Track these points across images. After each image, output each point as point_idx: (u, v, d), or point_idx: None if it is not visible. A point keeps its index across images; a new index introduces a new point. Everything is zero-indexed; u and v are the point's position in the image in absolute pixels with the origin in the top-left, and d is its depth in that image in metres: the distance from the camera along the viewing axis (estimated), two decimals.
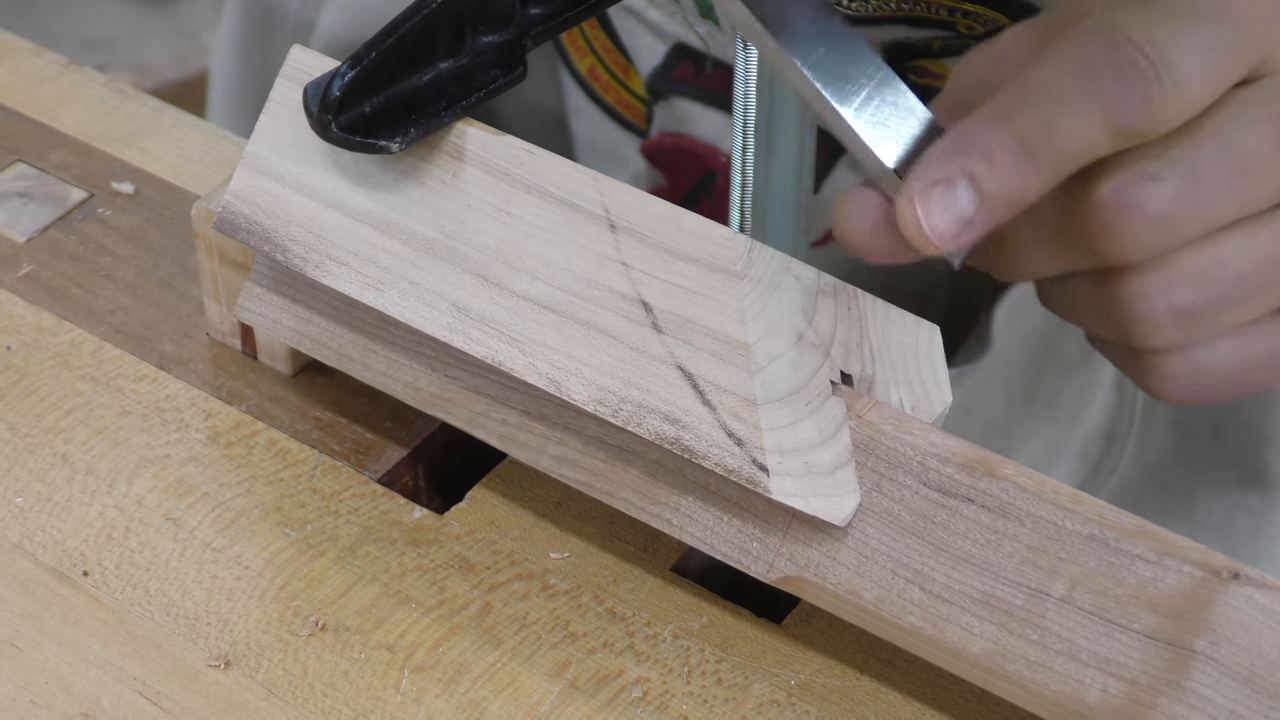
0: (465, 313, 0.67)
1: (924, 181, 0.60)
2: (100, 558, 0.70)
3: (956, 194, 0.60)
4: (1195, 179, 0.61)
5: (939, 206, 0.60)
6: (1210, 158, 0.61)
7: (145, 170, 0.86)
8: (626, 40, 0.96)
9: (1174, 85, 0.59)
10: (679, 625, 0.68)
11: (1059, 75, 0.60)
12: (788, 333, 0.63)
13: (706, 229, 0.64)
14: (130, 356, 0.78)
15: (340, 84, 0.65)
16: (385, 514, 0.72)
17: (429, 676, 0.67)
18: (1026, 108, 0.60)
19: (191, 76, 2.40)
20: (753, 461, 0.62)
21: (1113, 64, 0.60)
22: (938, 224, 0.60)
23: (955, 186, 0.60)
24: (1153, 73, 0.59)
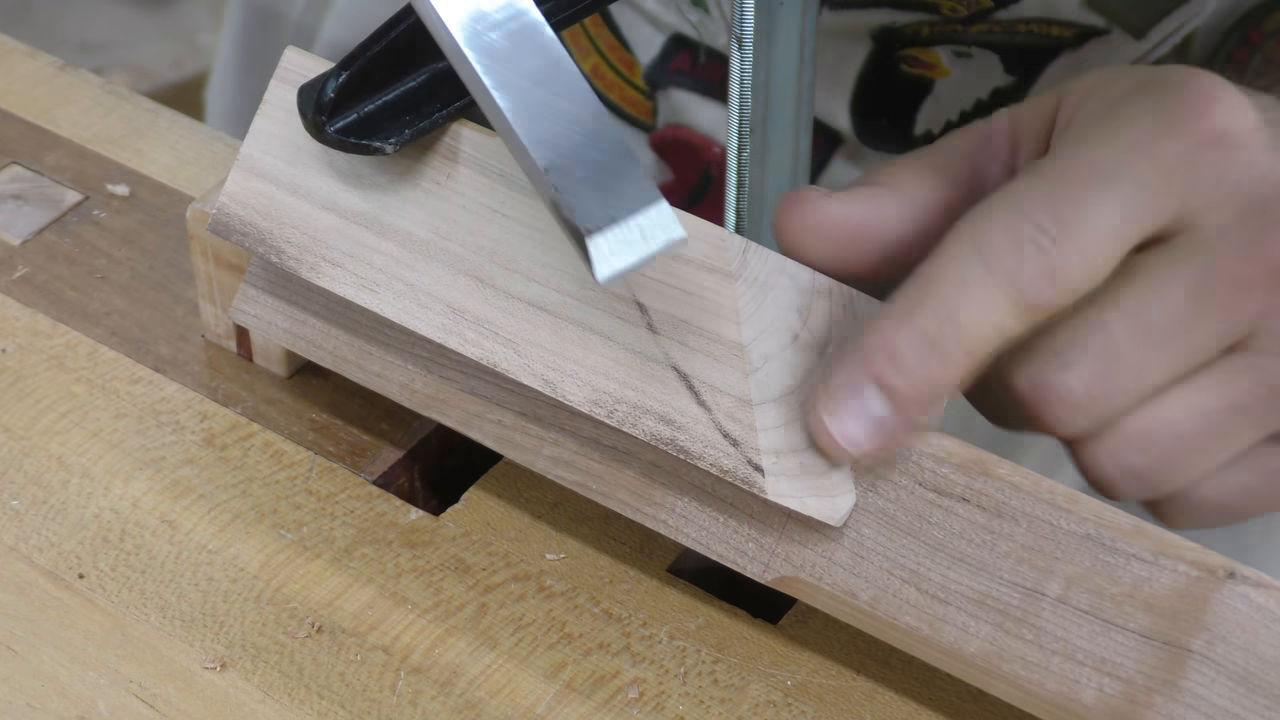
0: (460, 314, 0.67)
1: (831, 390, 0.60)
2: (96, 560, 0.70)
3: (865, 399, 0.59)
4: (1110, 358, 0.59)
5: (848, 415, 0.60)
6: (1122, 333, 0.59)
7: (140, 172, 0.86)
8: (626, 33, 0.96)
9: (1077, 254, 0.57)
10: (675, 626, 0.68)
11: (959, 262, 0.58)
12: (783, 333, 0.63)
13: (701, 230, 0.64)
14: (125, 359, 0.78)
15: (334, 85, 0.65)
16: (381, 515, 0.72)
17: (425, 678, 0.67)
18: (928, 300, 0.58)
19: (188, 79, 2.40)
20: (748, 462, 0.62)
21: (1011, 242, 0.58)
22: (850, 432, 0.60)
23: (863, 392, 0.59)
24: (1053, 245, 0.57)
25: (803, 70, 0.82)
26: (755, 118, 0.77)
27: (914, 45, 0.90)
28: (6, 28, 0.97)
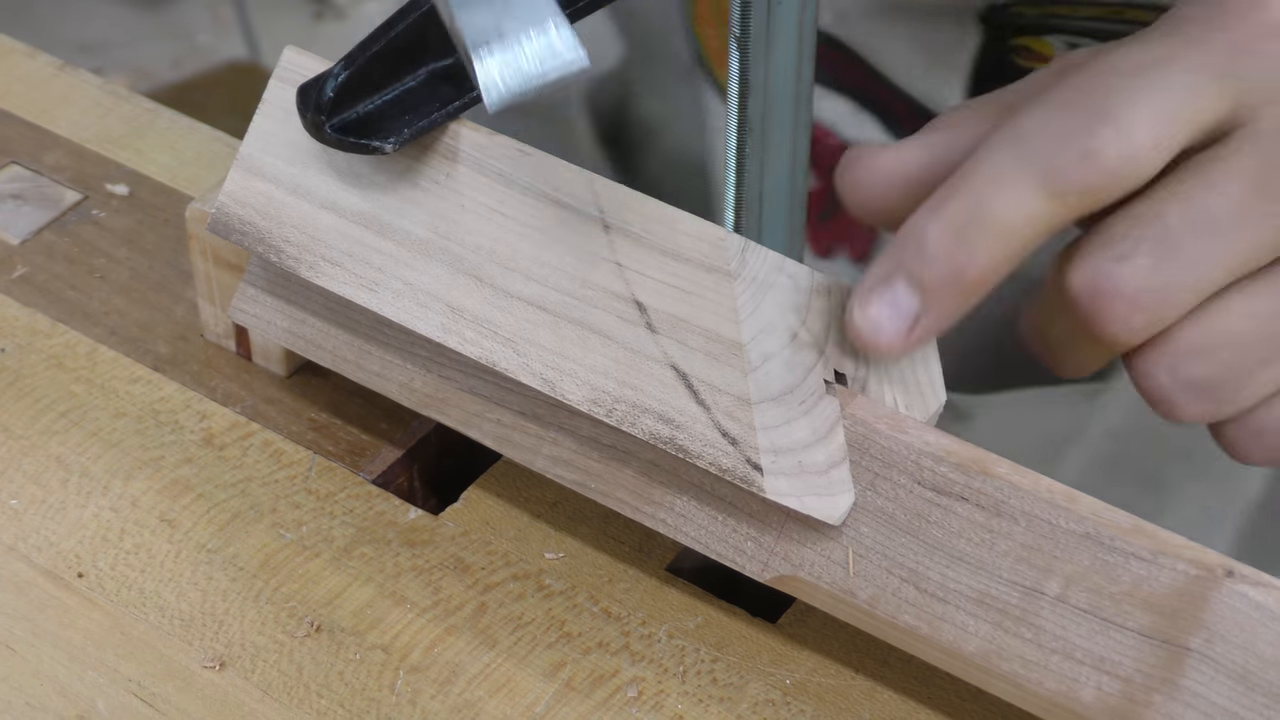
0: (459, 313, 0.67)
1: (864, 282, 0.59)
2: (95, 559, 0.70)
3: (896, 292, 0.59)
4: (1167, 251, 0.57)
5: (878, 306, 0.59)
6: (1179, 223, 0.57)
7: (140, 172, 0.86)
8: None
9: (1116, 137, 0.56)
10: (674, 625, 0.68)
11: (992, 153, 0.57)
12: (781, 332, 0.63)
13: (700, 228, 0.64)
14: (125, 358, 0.78)
15: (333, 85, 0.65)
16: (380, 515, 0.72)
17: (424, 677, 0.67)
18: (959, 190, 0.57)
19: (187, 79, 2.40)
20: (747, 461, 0.62)
21: (1044, 128, 0.57)
22: (882, 323, 0.59)
23: (894, 284, 0.59)
24: (1088, 130, 0.56)
25: (801, 69, 0.82)
26: (754, 116, 0.77)
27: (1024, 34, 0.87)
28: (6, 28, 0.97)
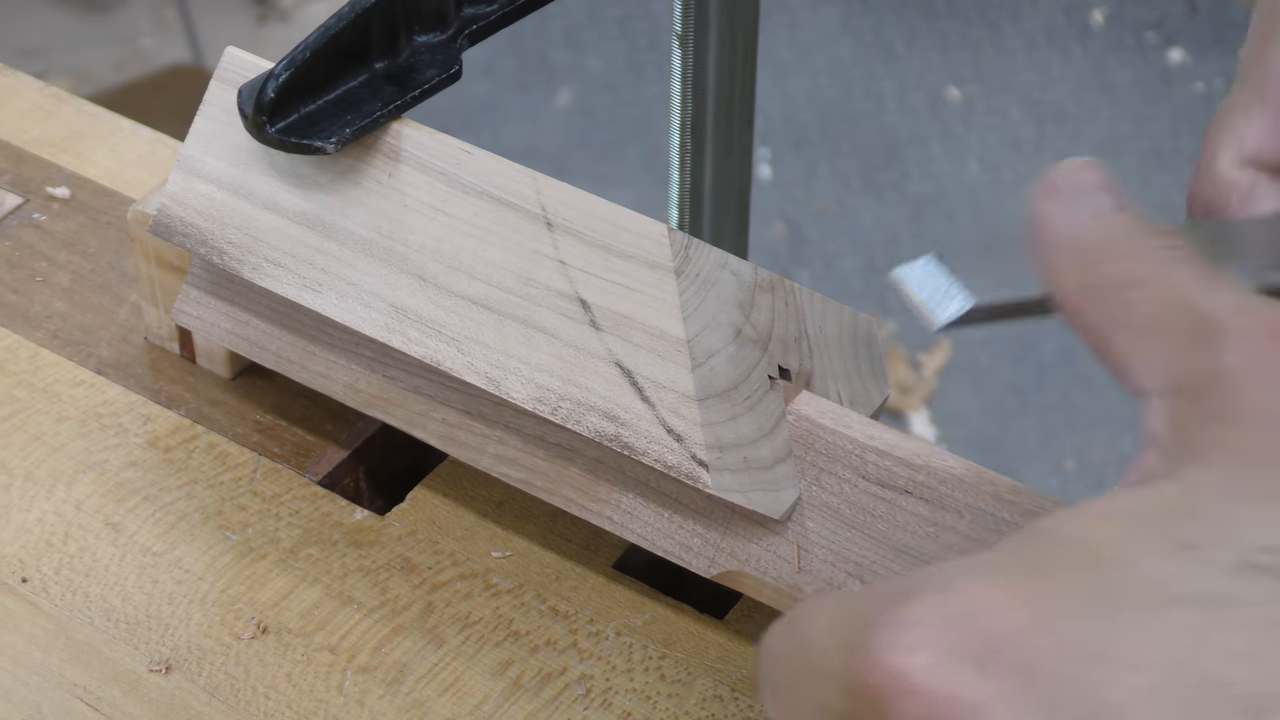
0: (403, 313, 0.67)
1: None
2: (39, 564, 0.70)
3: None
4: None
5: None
6: None
7: (81, 175, 0.85)
8: None
9: None
10: (621, 622, 0.69)
11: None
12: (725, 328, 0.64)
13: (643, 226, 0.64)
14: (67, 362, 0.77)
15: (275, 85, 0.65)
16: (326, 516, 0.72)
17: (372, 678, 0.67)
18: None
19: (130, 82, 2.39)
20: (692, 457, 0.63)
21: None
22: None
23: None
24: None
25: (744, 68, 0.82)
26: (697, 114, 0.78)
27: None
28: None
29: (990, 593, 0.44)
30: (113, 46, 2.63)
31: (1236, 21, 2.63)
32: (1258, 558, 0.43)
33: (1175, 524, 0.44)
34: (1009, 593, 0.44)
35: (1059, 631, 0.43)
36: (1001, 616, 0.44)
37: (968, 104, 2.56)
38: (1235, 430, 0.45)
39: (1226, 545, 0.43)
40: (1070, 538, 0.45)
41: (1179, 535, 0.44)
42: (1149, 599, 0.43)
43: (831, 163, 2.49)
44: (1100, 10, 2.68)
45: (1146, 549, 0.44)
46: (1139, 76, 2.59)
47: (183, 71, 2.41)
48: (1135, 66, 2.60)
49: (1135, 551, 0.44)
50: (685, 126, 0.81)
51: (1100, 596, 0.43)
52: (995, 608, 0.44)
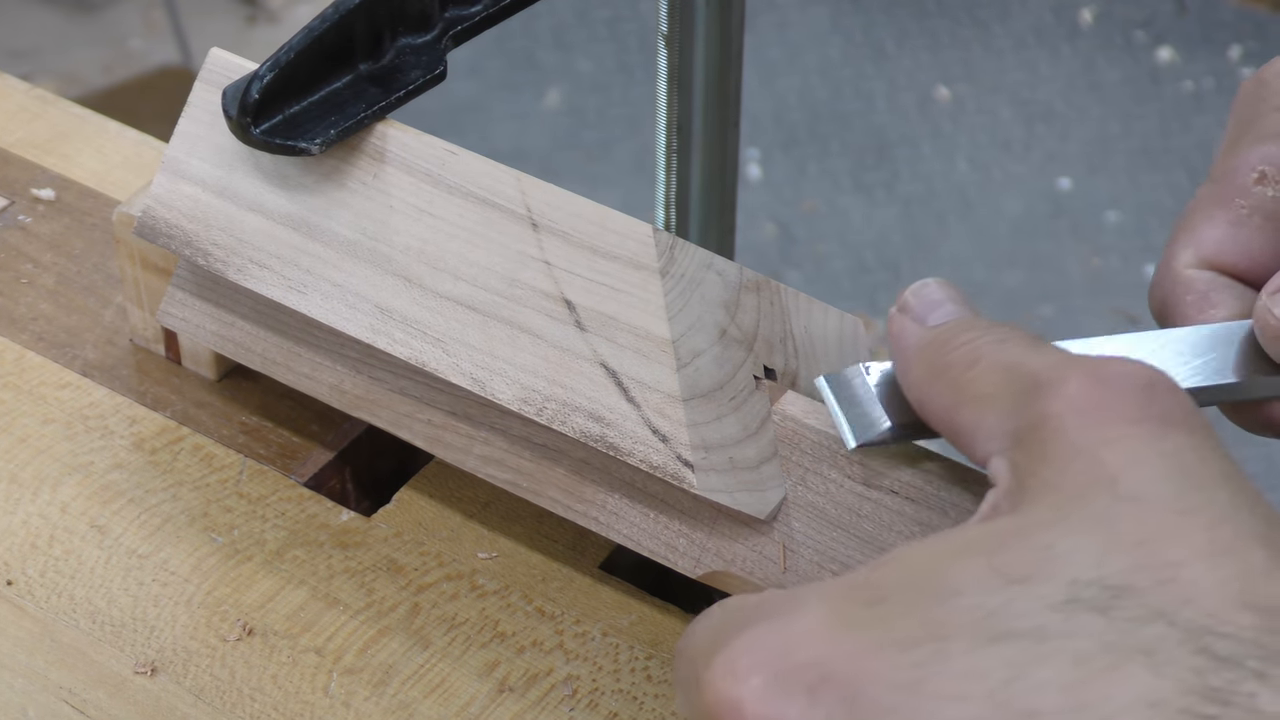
0: (389, 314, 0.67)
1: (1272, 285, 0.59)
2: (25, 566, 0.70)
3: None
4: None
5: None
6: None
7: (66, 177, 0.85)
8: None
9: None
10: (608, 623, 0.69)
11: None
12: (710, 329, 0.63)
13: (628, 226, 0.64)
14: (53, 364, 0.77)
15: (259, 86, 0.65)
16: (312, 517, 0.72)
17: (358, 679, 0.67)
18: None
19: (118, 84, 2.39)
20: (677, 458, 0.63)
21: None
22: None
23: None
24: None
25: (730, 68, 0.82)
26: (683, 114, 0.78)
27: None
28: None
29: (825, 621, 0.46)
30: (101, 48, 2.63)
31: (1225, 21, 2.63)
32: (1081, 593, 0.44)
33: (1003, 557, 0.45)
34: (843, 621, 0.46)
35: (886, 661, 0.44)
36: (833, 645, 0.45)
37: (957, 103, 2.56)
38: (1057, 468, 0.47)
39: (1052, 579, 0.45)
40: (908, 567, 0.46)
41: (1007, 569, 0.45)
42: (975, 632, 0.44)
43: (821, 163, 2.49)
44: (1089, 9, 2.68)
45: (975, 582, 0.45)
46: (1128, 75, 2.59)
47: (171, 73, 2.41)
48: (1124, 66, 2.61)
49: (964, 583, 0.45)
50: (672, 127, 0.81)
51: (929, 628, 0.45)
52: (828, 636, 0.45)
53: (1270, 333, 0.59)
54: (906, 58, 2.63)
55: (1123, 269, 2.32)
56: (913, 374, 0.55)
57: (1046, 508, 0.47)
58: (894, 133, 2.53)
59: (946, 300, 0.56)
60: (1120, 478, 0.46)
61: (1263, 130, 0.63)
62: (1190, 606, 0.44)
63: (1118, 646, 0.43)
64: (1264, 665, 0.43)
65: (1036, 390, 0.49)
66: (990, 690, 0.44)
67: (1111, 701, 0.43)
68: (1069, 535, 0.46)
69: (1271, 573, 0.44)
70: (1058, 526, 0.46)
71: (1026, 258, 2.36)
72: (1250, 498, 0.46)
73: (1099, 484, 0.46)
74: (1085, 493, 0.46)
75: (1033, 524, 0.46)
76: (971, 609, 0.45)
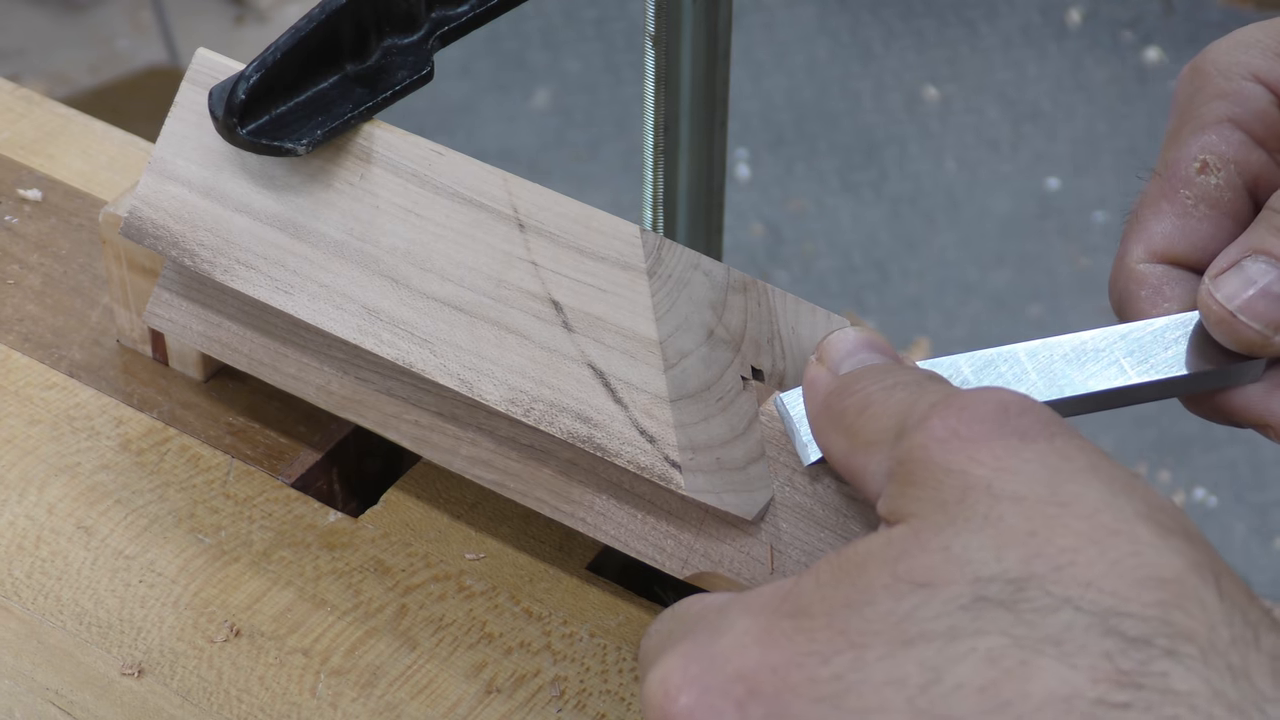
0: (376, 315, 0.66)
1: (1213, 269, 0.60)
2: (11, 568, 0.70)
3: (1246, 270, 0.60)
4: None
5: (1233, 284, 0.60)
6: None
7: (53, 177, 0.85)
8: None
9: None
10: (595, 624, 0.69)
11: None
12: (698, 329, 0.63)
13: (615, 227, 0.64)
14: (39, 364, 0.77)
15: (245, 87, 0.65)
16: (300, 518, 0.72)
17: (345, 680, 0.66)
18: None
19: (106, 84, 2.38)
20: (665, 458, 0.63)
21: None
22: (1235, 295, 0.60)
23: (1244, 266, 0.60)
24: None
25: (718, 68, 0.82)
26: (669, 114, 0.78)
27: None
28: None
29: (751, 634, 0.47)
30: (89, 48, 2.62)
31: (1213, 20, 2.64)
32: (986, 590, 0.45)
33: (905, 564, 0.46)
34: (768, 634, 0.47)
35: (808, 674, 0.45)
36: (759, 659, 0.46)
37: (945, 103, 2.56)
38: (931, 486, 0.48)
39: (955, 580, 0.46)
40: (824, 578, 0.48)
41: (910, 575, 0.46)
42: (889, 638, 0.45)
43: (809, 162, 2.49)
44: (1077, 10, 2.69)
45: (883, 589, 0.46)
46: (1115, 75, 2.60)
47: (159, 73, 2.41)
48: (1112, 65, 2.61)
49: (874, 592, 0.46)
50: (659, 128, 0.81)
51: (847, 636, 0.46)
52: (754, 650, 0.46)
53: (1213, 317, 0.60)
54: (894, 57, 2.63)
55: (1110, 269, 2.32)
56: (817, 422, 0.56)
57: (933, 513, 0.48)
58: (882, 132, 2.53)
59: (860, 349, 0.58)
60: (993, 482, 0.47)
61: (1201, 119, 0.63)
62: (1092, 589, 0.44)
63: (1027, 640, 0.44)
64: (1173, 643, 0.43)
65: (905, 431, 0.51)
66: (909, 697, 0.44)
67: (1027, 699, 0.43)
68: (960, 535, 0.46)
69: (1160, 548, 0.45)
70: (947, 529, 0.47)
71: (1014, 257, 2.36)
72: (1124, 484, 0.47)
73: (974, 490, 0.47)
74: (963, 497, 0.47)
75: (925, 529, 0.47)
76: (884, 615, 0.46)
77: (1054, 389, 0.60)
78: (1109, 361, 0.61)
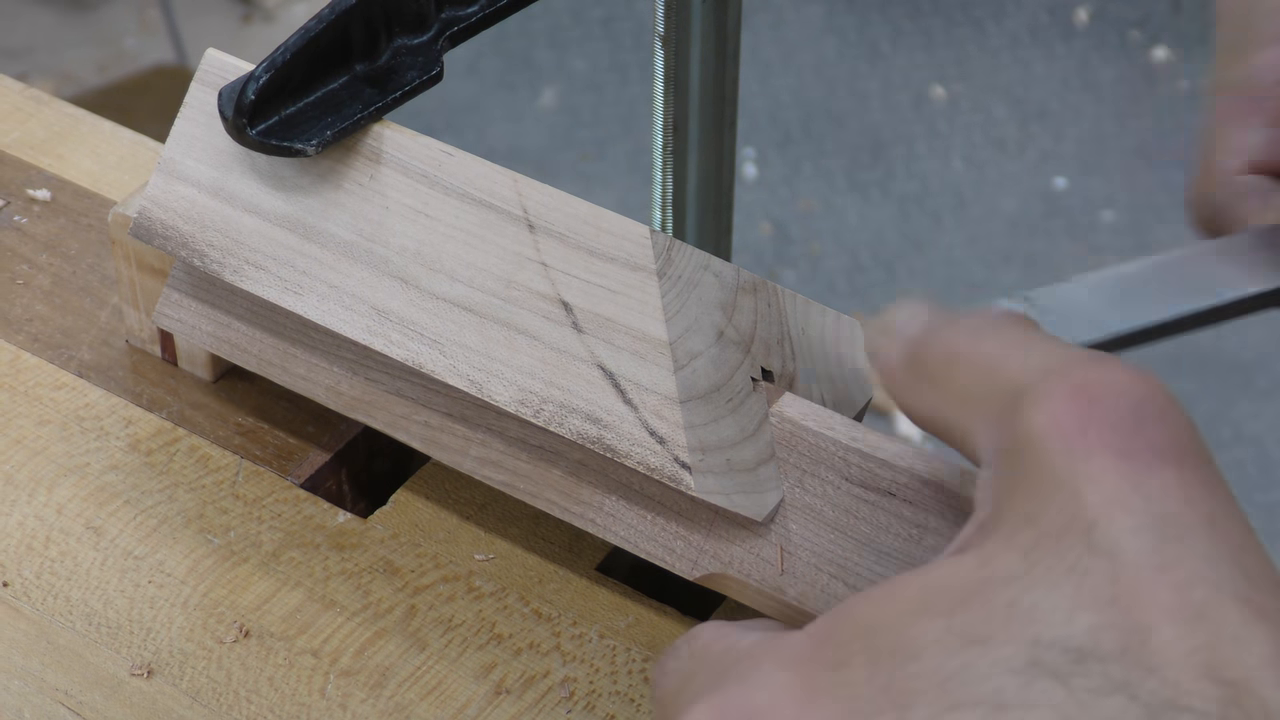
0: (385, 315, 0.66)
1: None
2: (20, 568, 0.70)
3: None
4: None
5: None
6: None
7: (62, 177, 0.85)
8: None
9: None
10: (605, 625, 0.68)
11: None
12: (708, 330, 0.63)
13: (625, 228, 0.64)
14: (48, 365, 0.77)
15: (255, 87, 0.65)
16: (309, 519, 0.72)
17: (354, 681, 0.66)
18: None
19: (113, 83, 2.39)
20: (675, 460, 0.62)
21: None
22: None
23: None
24: None
25: (727, 69, 0.82)
26: (679, 115, 0.77)
27: None
28: None
29: (790, 690, 0.44)
30: (96, 47, 2.62)
31: None
32: (1043, 655, 0.42)
33: (964, 617, 0.43)
34: (808, 690, 0.44)
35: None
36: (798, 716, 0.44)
37: (952, 102, 2.56)
38: (1037, 502, 0.45)
39: (1013, 640, 0.43)
40: (866, 625, 0.45)
41: (967, 629, 0.43)
42: (936, 699, 0.43)
43: (816, 162, 2.49)
44: (1084, 9, 2.68)
45: (934, 643, 0.43)
46: (1123, 75, 2.59)
47: (166, 72, 2.41)
48: (1119, 65, 2.61)
49: (923, 645, 0.43)
50: (668, 128, 0.81)
51: (890, 695, 0.43)
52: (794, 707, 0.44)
53: None
54: (901, 57, 2.63)
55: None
56: (897, 379, 0.52)
57: (1016, 555, 0.44)
58: (889, 132, 2.53)
59: (924, 311, 0.54)
60: (1098, 522, 0.44)
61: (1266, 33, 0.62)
62: (1154, 677, 0.42)
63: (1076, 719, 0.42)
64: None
65: (1018, 401, 0.46)
66: None
67: None
68: (1034, 589, 0.43)
69: (1242, 639, 0.42)
70: (1023, 580, 0.44)
71: (1022, 257, 2.36)
72: (1235, 546, 0.44)
73: (1074, 529, 0.44)
74: (1060, 536, 0.44)
75: (998, 578, 0.44)
76: (930, 673, 0.43)
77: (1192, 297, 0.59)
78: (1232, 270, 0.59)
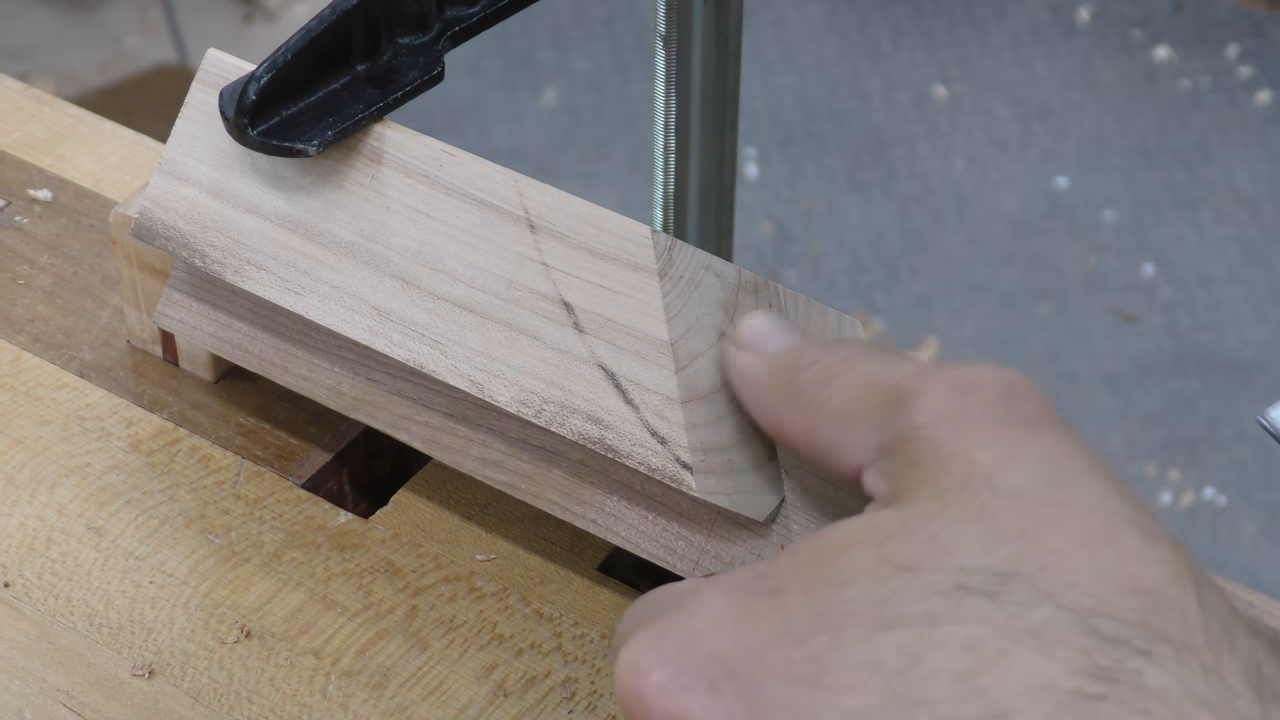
0: (386, 316, 0.66)
1: None
2: (21, 568, 0.70)
3: None
4: None
5: None
6: None
7: (63, 177, 0.85)
8: None
9: None
10: (606, 625, 0.68)
11: None
12: (709, 330, 0.63)
13: (626, 228, 0.64)
14: (49, 365, 0.77)
15: (256, 88, 0.65)
16: (310, 519, 0.72)
17: (356, 681, 0.66)
18: None
19: (115, 83, 2.38)
20: (676, 460, 0.62)
21: None
22: None
23: None
24: None
25: (728, 69, 0.82)
26: (681, 116, 0.77)
27: None
28: None
29: (726, 613, 0.46)
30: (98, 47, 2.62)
31: (1222, 19, 2.63)
32: (969, 579, 0.45)
33: (891, 547, 0.46)
34: (743, 614, 0.46)
35: (783, 654, 0.45)
36: (733, 638, 0.46)
37: (954, 102, 2.56)
38: (932, 470, 0.48)
39: (940, 568, 0.46)
40: (802, 559, 0.47)
41: (895, 558, 0.46)
42: (868, 620, 0.45)
43: (818, 161, 2.49)
44: (1086, 8, 2.68)
45: (864, 571, 0.46)
46: (1124, 74, 2.59)
47: (167, 71, 2.41)
48: (1120, 64, 2.61)
49: (854, 573, 0.46)
50: (669, 128, 0.81)
51: (824, 617, 0.45)
52: (728, 629, 0.46)
53: None
54: (903, 56, 2.63)
55: (1119, 268, 2.32)
56: (766, 401, 0.56)
57: (928, 500, 0.48)
58: (890, 131, 2.53)
59: (778, 329, 0.59)
60: (995, 474, 0.47)
61: None
62: (1075, 590, 0.45)
63: (1007, 630, 0.44)
64: (1149, 644, 0.44)
65: (899, 403, 0.50)
66: (885, 680, 0.44)
67: (1004, 687, 0.43)
68: (952, 525, 0.46)
69: (1146, 555, 0.46)
70: (940, 518, 0.47)
71: (1023, 256, 2.36)
72: (1117, 487, 0.48)
73: (976, 479, 0.47)
74: (964, 487, 0.47)
75: (916, 515, 0.47)
76: (863, 597, 0.46)
77: None
78: None
